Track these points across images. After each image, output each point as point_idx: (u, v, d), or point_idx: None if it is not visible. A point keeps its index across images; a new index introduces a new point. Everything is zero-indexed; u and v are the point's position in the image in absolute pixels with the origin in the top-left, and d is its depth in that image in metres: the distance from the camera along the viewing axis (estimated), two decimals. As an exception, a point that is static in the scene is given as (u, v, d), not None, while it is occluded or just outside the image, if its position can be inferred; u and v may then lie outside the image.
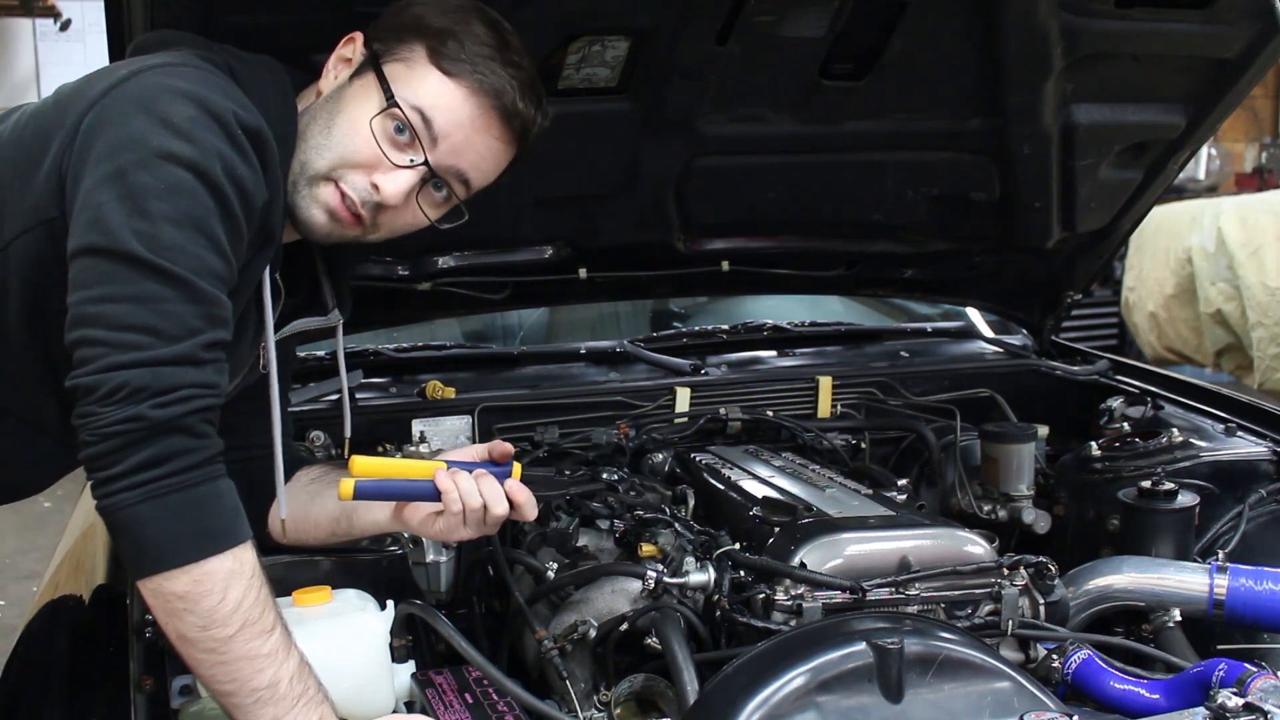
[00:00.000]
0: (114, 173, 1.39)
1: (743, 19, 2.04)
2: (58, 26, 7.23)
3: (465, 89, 1.59)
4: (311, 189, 1.61)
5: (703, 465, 2.26)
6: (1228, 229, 6.02)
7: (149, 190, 1.39)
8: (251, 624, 1.40)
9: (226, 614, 1.38)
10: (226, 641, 1.39)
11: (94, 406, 1.35)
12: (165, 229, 1.38)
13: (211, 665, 1.40)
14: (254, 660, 1.40)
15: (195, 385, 1.38)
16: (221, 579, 1.38)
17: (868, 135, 2.41)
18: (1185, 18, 2.22)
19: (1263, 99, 10.01)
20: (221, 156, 1.43)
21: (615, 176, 2.37)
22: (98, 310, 1.37)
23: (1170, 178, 2.62)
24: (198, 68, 1.51)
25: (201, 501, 1.39)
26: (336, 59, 1.65)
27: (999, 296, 3.00)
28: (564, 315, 3.32)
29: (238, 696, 1.41)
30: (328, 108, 1.62)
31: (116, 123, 1.43)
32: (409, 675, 1.71)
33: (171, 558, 1.37)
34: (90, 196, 1.39)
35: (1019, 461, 2.36)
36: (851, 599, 1.67)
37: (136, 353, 1.35)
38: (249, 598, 1.40)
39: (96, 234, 1.38)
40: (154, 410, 1.35)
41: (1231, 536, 2.17)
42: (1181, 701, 1.57)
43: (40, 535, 5.12)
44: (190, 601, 1.37)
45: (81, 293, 1.38)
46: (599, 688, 1.73)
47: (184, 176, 1.40)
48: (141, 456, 1.35)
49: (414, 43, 1.60)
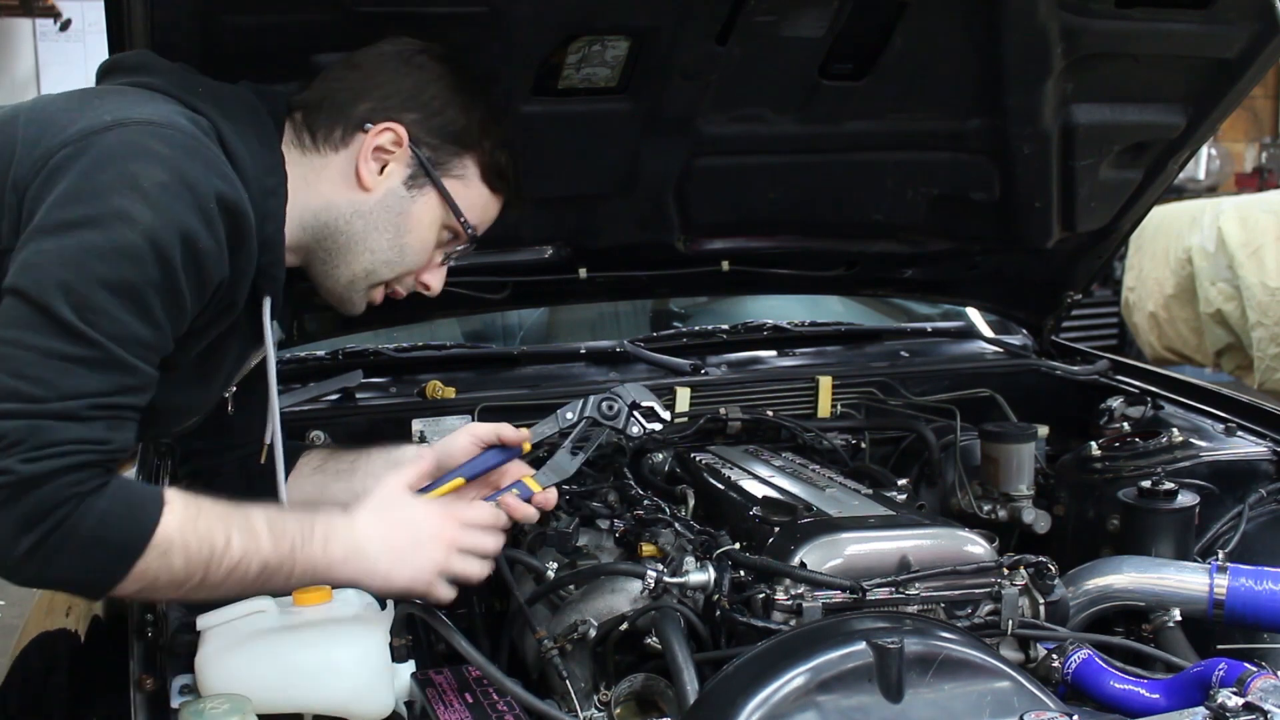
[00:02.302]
0: (66, 222, 1.38)
1: (743, 19, 2.04)
2: (58, 26, 7.22)
3: (502, 194, 1.78)
4: (370, 291, 1.76)
5: (703, 465, 2.26)
6: (1228, 229, 6.02)
7: (95, 249, 1.38)
8: (213, 557, 1.44)
9: (185, 574, 1.42)
10: (202, 584, 1.44)
11: None
12: (96, 292, 1.37)
13: (208, 598, 1.50)
14: (235, 571, 1.46)
15: (76, 441, 1.35)
16: (158, 562, 1.40)
17: (868, 135, 2.41)
18: (1185, 18, 2.22)
19: (1263, 99, 10.01)
20: (182, 229, 1.42)
21: (615, 176, 2.37)
22: (3, 353, 1.35)
23: (1170, 178, 2.62)
24: (183, 131, 1.49)
25: (96, 533, 1.36)
26: (374, 151, 1.67)
27: (999, 296, 3.00)
28: (564, 315, 3.32)
29: (248, 592, 1.52)
30: (392, 221, 1.70)
31: (84, 171, 1.41)
32: (409, 675, 1.71)
33: (106, 583, 1.40)
34: (34, 240, 1.39)
35: (1019, 461, 2.35)
36: (851, 599, 1.66)
37: (20, 403, 1.33)
38: (193, 548, 1.42)
39: (28, 279, 1.37)
40: (22, 465, 1.32)
41: (1231, 536, 2.17)
42: (1181, 701, 1.57)
43: (40, 535, 5.11)
44: (149, 587, 1.42)
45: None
46: (599, 687, 1.74)
47: (134, 241, 1.39)
48: (17, 518, 1.32)
49: (466, 157, 1.72)
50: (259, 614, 1.63)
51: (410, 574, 1.61)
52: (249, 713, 1.49)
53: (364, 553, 1.58)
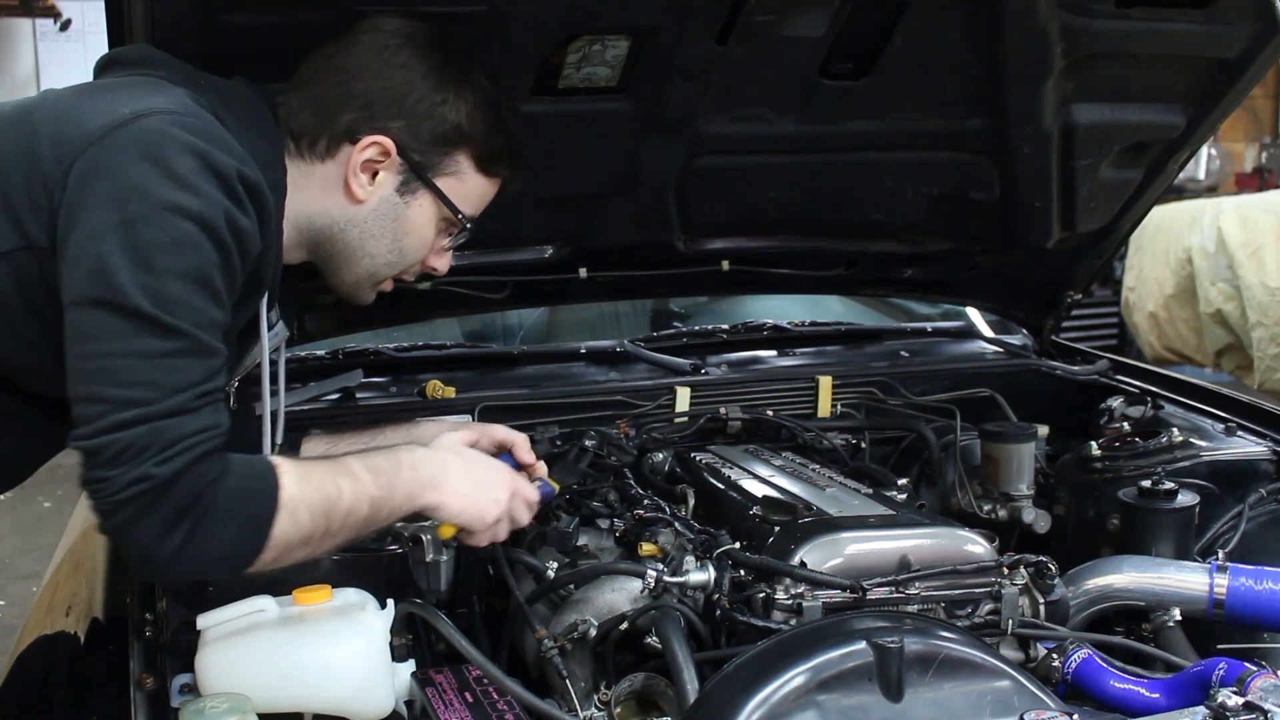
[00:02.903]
0: (119, 223, 1.39)
1: (743, 19, 2.04)
2: (58, 26, 7.23)
3: (500, 177, 1.78)
4: (376, 287, 1.79)
5: (703, 465, 2.26)
6: (1228, 229, 6.02)
7: (155, 244, 1.39)
8: (331, 507, 1.51)
9: (311, 528, 1.49)
10: (326, 534, 1.52)
11: (102, 471, 1.36)
12: (171, 283, 1.40)
13: (331, 549, 1.56)
14: (351, 515, 1.53)
15: (196, 433, 1.39)
16: (289, 523, 1.46)
17: (868, 135, 2.41)
18: (1185, 18, 2.22)
19: (1263, 99, 10.01)
20: (224, 209, 1.45)
21: (615, 176, 2.37)
22: (100, 365, 1.38)
23: (1170, 178, 2.62)
24: (200, 118, 1.51)
25: (234, 510, 1.42)
26: (363, 164, 1.66)
27: (999, 296, 3.00)
28: (564, 315, 3.32)
29: (362, 533, 1.58)
30: (388, 228, 1.71)
31: (119, 169, 1.42)
32: (409, 674, 1.71)
33: (250, 555, 1.46)
34: (92, 245, 1.39)
35: (1019, 461, 2.35)
36: (851, 598, 1.66)
37: (137, 409, 1.36)
38: (314, 503, 1.49)
39: (101, 287, 1.38)
40: (157, 468, 1.36)
41: (1231, 536, 2.17)
42: (1181, 701, 1.57)
43: (40, 535, 5.13)
44: (285, 550, 1.48)
45: (84, 346, 1.39)
46: (599, 687, 1.74)
47: (189, 229, 1.42)
48: (163, 517, 1.37)
49: (457, 153, 1.70)
50: (259, 613, 1.63)
51: (486, 503, 1.70)
52: (249, 712, 1.50)
53: (448, 477, 1.66)
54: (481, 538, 1.73)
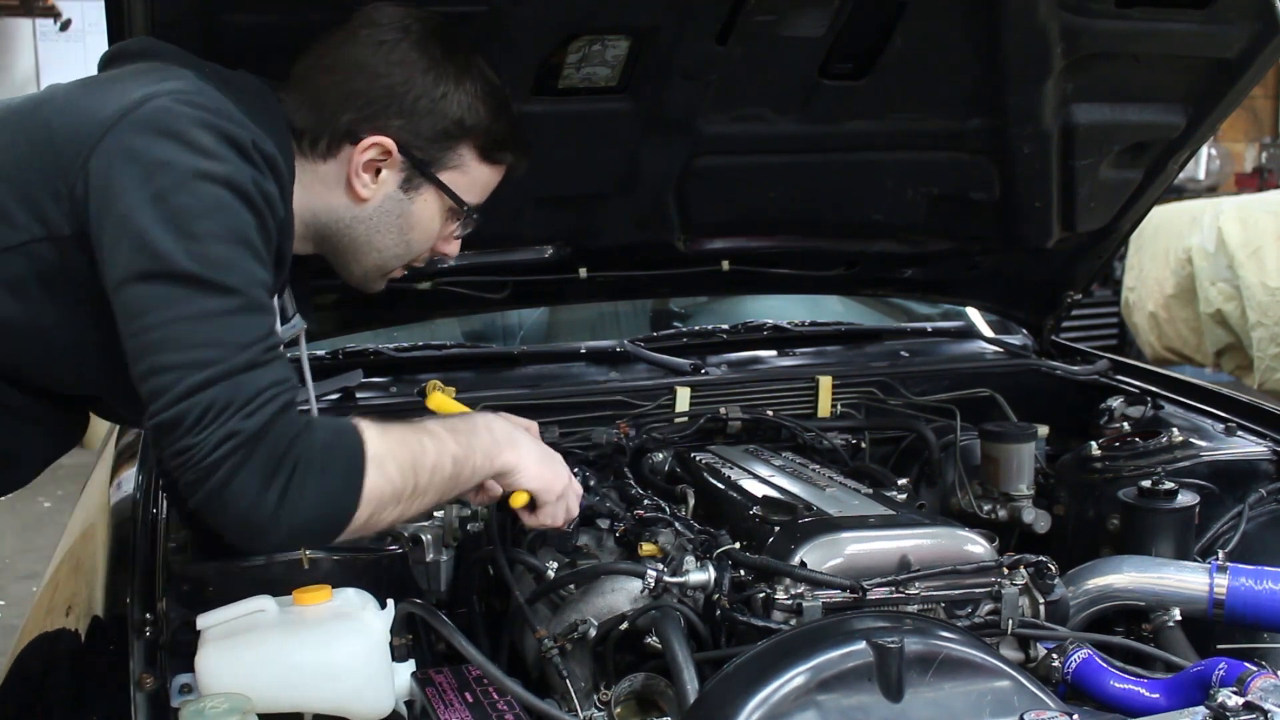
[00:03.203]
0: (151, 198, 1.39)
1: (743, 19, 2.04)
2: (58, 26, 7.23)
3: (505, 163, 1.75)
4: (385, 277, 1.79)
5: (703, 465, 2.26)
6: (1228, 229, 6.03)
7: (191, 210, 1.40)
8: (416, 462, 1.51)
9: (400, 483, 1.48)
10: (415, 492, 1.51)
11: (188, 439, 1.35)
12: (214, 245, 1.40)
13: (419, 512, 1.57)
14: (436, 472, 1.54)
15: (272, 385, 1.39)
16: (378, 476, 1.45)
17: (868, 135, 2.41)
18: (1185, 18, 2.22)
19: (1263, 99, 10.02)
20: (250, 174, 1.46)
21: (615, 176, 2.37)
22: (162, 335, 1.37)
23: (1170, 178, 2.62)
24: (209, 95, 1.51)
25: (326, 461, 1.42)
26: (364, 165, 1.65)
27: (999, 296, 3.00)
28: (564, 315, 3.32)
29: (447, 495, 1.60)
30: (394, 223, 1.70)
31: (140, 149, 1.42)
32: (409, 674, 1.71)
33: (348, 510, 1.44)
34: (128, 225, 1.39)
35: (1019, 461, 2.35)
36: (851, 598, 1.66)
37: (211, 369, 1.36)
38: (400, 456, 1.49)
39: (146, 260, 1.38)
40: (244, 422, 1.36)
41: (1231, 536, 2.17)
42: (1181, 701, 1.57)
43: (40, 535, 5.12)
44: (378, 509, 1.46)
45: (139, 321, 1.38)
46: (599, 687, 1.73)
47: (221, 194, 1.42)
48: (259, 472, 1.36)
49: (460, 146, 1.69)
50: (259, 613, 1.63)
51: (556, 471, 1.73)
52: (249, 712, 1.49)
53: (519, 441, 1.68)
54: (548, 512, 1.73)
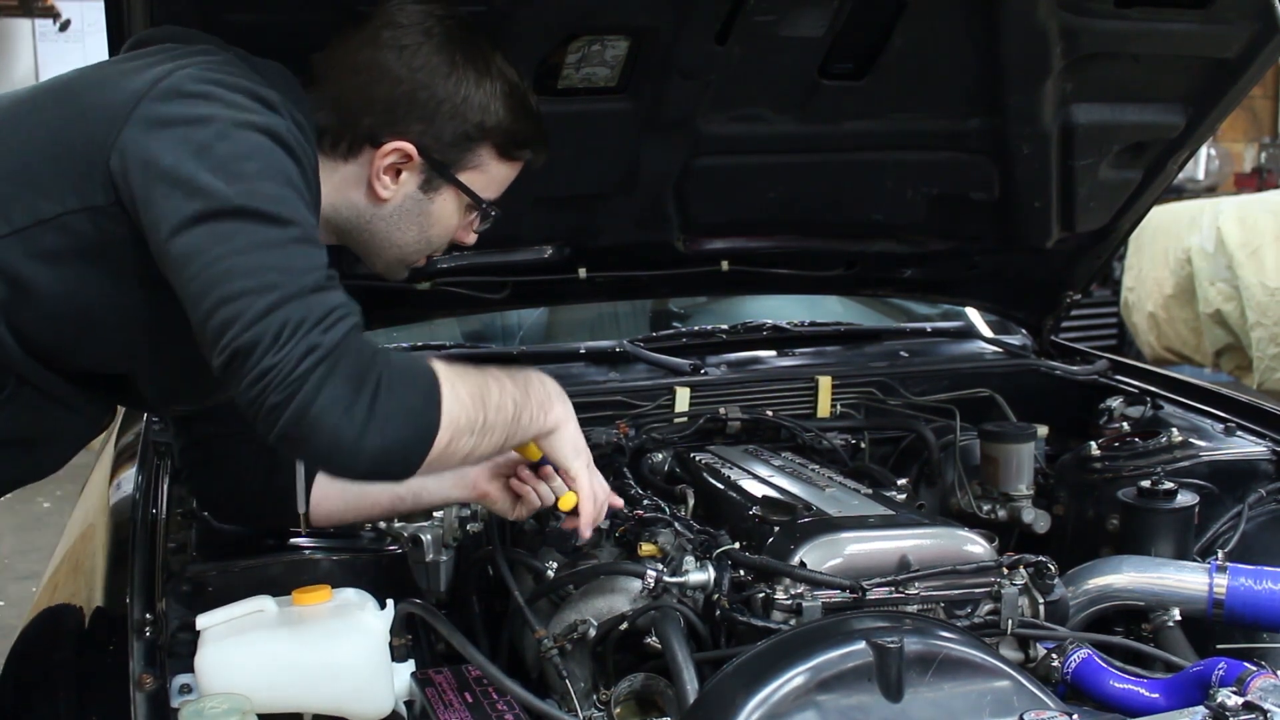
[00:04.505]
0: (194, 151, 1.41)
1: (742, 19, 2.04)
2: (57, 27, 7.23)
3: (523, 160, 1.76)
4: (408, 267, 1.79)
5: (702, 465, 2.26)
6: (1227, 229, 6.03)
7: (235, 154, 1.41)
8: (484, 394, 1.52)
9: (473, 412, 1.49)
10: (485, 427, 1.52)
11: (268, 358, 1.33)
12: (263, 184, 1.41)
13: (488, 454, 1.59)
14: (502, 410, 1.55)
15: (341, 305, 1.40)
16: (453, 400, 1.46)
17: (868, 135, 2.41)
18: (1185, 18, 2.22)
19: (1262, 99, 10.01)
20: (285, 125, 1.48)
21: (615, 176, 2.37)
22: (226, 267, 1.37)
23: (1170, 178, 2.62)
24: (235, 66, 1.54)
25: (404, 380, 1.42)
26: (385, 168, 1.66)
27: (999, 296, 3.00)
28: (564, 315, 3.31)
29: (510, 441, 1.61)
30: (414, 221, 1.71)
31: (175, 113, 1.45)
32: (409, 674, 1.71)
33: (430, 431, 1.44)
34: (177, 175, 1.40)
35: (1019, 461, 2.36)
36: (851, 598, 1.66)
37: (281, 290, 1.35)
38: (470, 384, 1.50)
39: (199, 201, 1.38)
40: (323, 335, 1.36)
41: (1231, 536, 2.17)
42: (1181, 701, 1.57)
43: (39, 535, 5.12)
44: (455, 435, 1.46)
45: (199, 261, 1.38)
46: (599, 687, 1.74)
47: (261, 140, 1.44)
48: (345, 383, 1.35)
49: (479, 148, 1.69)
50: (259, 613, 1.63)
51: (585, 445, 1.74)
52: (249, 712, 1.49)
53: (565, 400, 1.69)
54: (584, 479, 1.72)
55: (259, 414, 1.36)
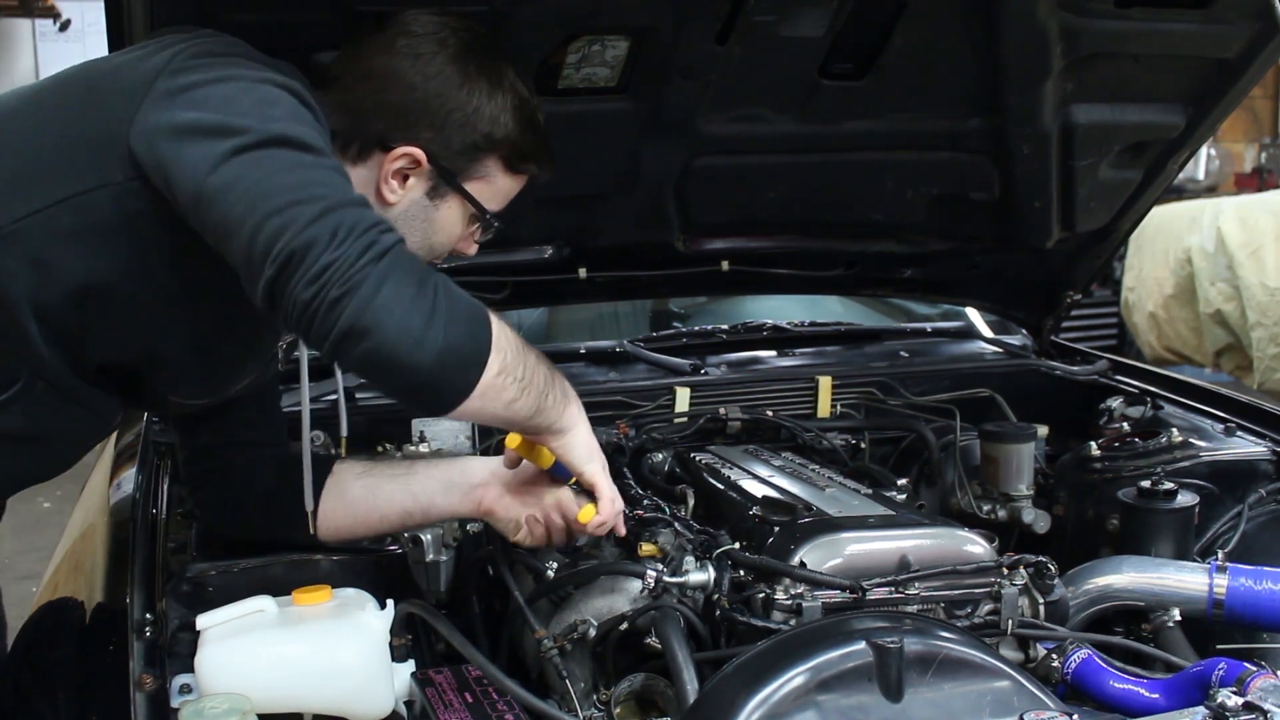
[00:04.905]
0: (221, 101, 1.45)
1: (743, 19, 2.04)
2: (57, 27, 7.23)
3: (528, 174, 1.77)
4: None
5: (702, 465, 2.26)
6: (1227, 229, 6.02)
7: (263, 100, 1.45)
8: (523, 349, 1.54)
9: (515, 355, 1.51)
10: (523, 381, 1.53)
11: (327, 255, 1.34)
12: (290, 124, 1.44)
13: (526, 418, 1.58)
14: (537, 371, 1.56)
15: (383, 221, 1.42)
16: (500, 331, 1.48)
17: (868, 135, 2.41)
18: (1185, 18, 2.22)
19: (1262, 99, 10.01)
20: (300, 89, 1.52)
21: (615, 176, 2.37)
22: (270, 185, 1.38)
23: (1170, 178, 2.62)
24: (246, 47, 1.58)
25: (459, 295, 1.45)
26: (393, 172, 1.67)
27: (999, 296, 3.00)
28: (564, 315, 3.32)
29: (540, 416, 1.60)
30: (418, 227, 1.71)
31: (195, 79, 1.48)
32: (409, 674, 1.71)
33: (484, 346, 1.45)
34: (205, 123, 1.44)
35: (1019, 461, 2.36)
36: (851, 598, 1.66)
37: (330, 200, 1.38)
38: (510, 332, 1.53)
39: (233, 138, 1.41)
40: (382, 235, 1.38)
41: (1231, 536, 2.17)
42: (1181, 701, 1.57)
43: (39, 536, 5.11)
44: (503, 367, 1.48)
45: (240, 187, 1.39)
46: (599, 687, 1.74)
47: (282, 94, 1.48)
48: (408, 277, 1.37)
49: (487, 159, 1.71)
50: (259, 613, 1.63)
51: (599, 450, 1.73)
52: (249, 712, 1.49)
53: (579, 404, 1.69)
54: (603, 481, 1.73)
55: (318, 312, 1.34)
